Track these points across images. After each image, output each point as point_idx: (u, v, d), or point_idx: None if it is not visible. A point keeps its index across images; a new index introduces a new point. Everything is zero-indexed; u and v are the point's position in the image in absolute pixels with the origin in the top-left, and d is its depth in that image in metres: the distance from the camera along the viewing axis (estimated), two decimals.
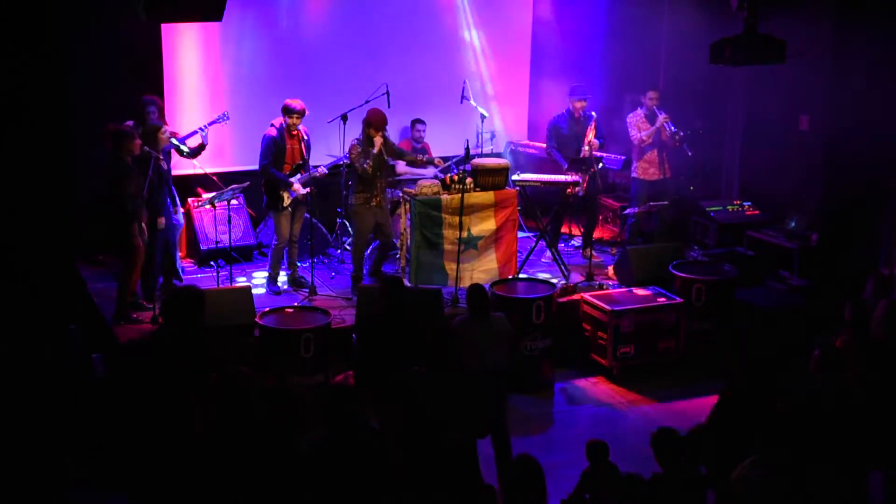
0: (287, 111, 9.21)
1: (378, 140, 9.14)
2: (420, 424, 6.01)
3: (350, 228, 9.90)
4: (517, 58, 12.03)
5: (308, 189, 9.44)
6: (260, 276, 9.85)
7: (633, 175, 10.78)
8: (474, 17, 11.64)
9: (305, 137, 9.43)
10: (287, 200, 9.36)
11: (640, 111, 10.65)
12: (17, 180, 8.38)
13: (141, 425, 6.12)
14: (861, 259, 9.47)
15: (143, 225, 8.60)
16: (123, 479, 6.46)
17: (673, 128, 10.38)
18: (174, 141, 9.20)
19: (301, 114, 9.23)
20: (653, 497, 5.33)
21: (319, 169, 9.54)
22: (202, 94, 10.44)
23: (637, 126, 10.58)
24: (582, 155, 10.30)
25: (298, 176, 9.36)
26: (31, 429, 6.62)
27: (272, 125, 9.37)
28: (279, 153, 9.29)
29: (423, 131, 10.70)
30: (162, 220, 8.81)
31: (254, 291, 8.76)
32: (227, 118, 9.74)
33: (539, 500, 5.05)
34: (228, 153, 10.54)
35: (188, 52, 10.37)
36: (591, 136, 10.23)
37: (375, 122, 9.14)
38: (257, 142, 9.49)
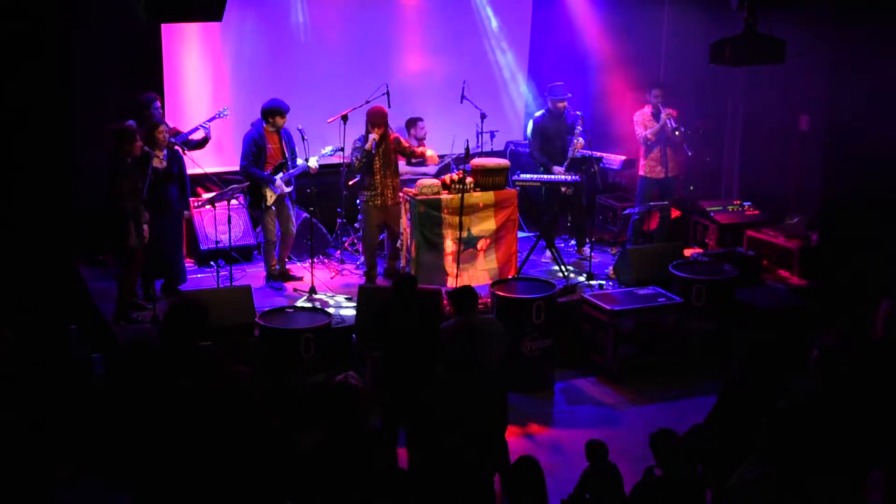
0: (280, 113, 9.30)
1: (372, 136, 9.22)
2: (433, 424, 6.00)
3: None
4: (517, 57, 12.03)
5: (291, 188, 9.50)
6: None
7: (641, 173, 10.78)
8: (474, 17, 11.65)
9: (290, 137, 9.52)
10: (271, 199, 9.43)
11: (646, 109, 10.65)
12: (17, 180, 8.37)
13: (141, 426, 6.11)
14: (861, 259, 9.47)
15: (145, 225, 8.62)
16: (124, 479, 6.46)
17: (674, 124, 10.39)
18: (173, 140, 9.21)
19: (288, 112, 9.41)
20: (653, 497, 5.33)
21: (309, 164, 9.56)
22: (202, 95, 10.44)
23: (643, 124, 10.59)
24: (569, 156, 10.31)
25: (281, 174, 9.42)
26: (29, 429, 6.61)
27: (252, 125, 9.44)
28: (260, 153, 9.39)
29: (424, 129, 10.69)
30: (145, 225, 8.77)
31: None
32: (227, 113, 9.79)
33: (540, 500, 5.05)
34: (228, 153, 10.54)
35: (188, 52, 10.38)
36: (577, 136, 10.24)
37: (371, 117, 9.31)
38: (241, 146, 9.51)
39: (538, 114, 10.62)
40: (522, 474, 5.14)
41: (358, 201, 9.86)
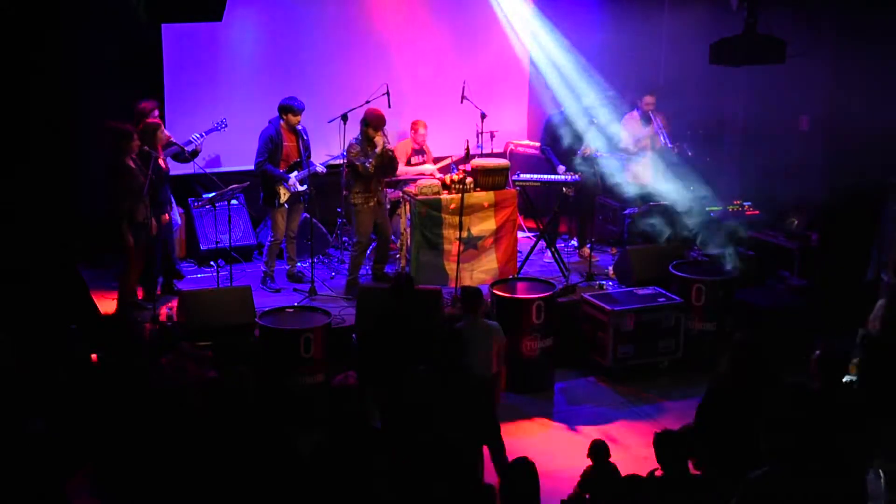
0: (293, 111, 9.28)
1: (379, 139, 9.21)
2: (424, 423, 6.00)
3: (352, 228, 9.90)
4: (517, 57, 12.02)
5: (305, 186, 9.49)
6: None
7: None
8: (474, 17, 11.64)
9: (305, 137, 9.51)
10: (284, 196, 9.43)
11: (635, 113, 10.64)
12: (17, 180, 8.38)
13: (138, 427, 6.12)
14: (861, 259, 9.47)
15: (148, 223, 8.64)
16: (123, 479, 6.46)
17: (669, 143, 10.37)
18: (172, 140, 9.23)
19: (302, 112, 9.39)
20: (653, 497, 5.32)
21: (318, 167, 9.59)
22: (202, 94, 10.43)
23: (630, 129, 10.57)
24: (581, 154, 10.30)
25: (296, 173, 9.42)
26: (29, 429, 6.62)
27: (270, 122, 9.44)
28: (276, 150, 9.38)
29: (425, 134, 10.64)
30: (167, 217, 8.89)
31: None
32: (226, 125, 9.79)
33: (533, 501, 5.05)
34: (228, 153, 10.54)
35: (188, 52, 10.37)
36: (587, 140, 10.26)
37: (373, 121, 9.23)
38: (257, 142, 9.52)
39: (553, 111, 10.65)
40: (517, 476, 5.13)
41: (342, 207, 9.89)
